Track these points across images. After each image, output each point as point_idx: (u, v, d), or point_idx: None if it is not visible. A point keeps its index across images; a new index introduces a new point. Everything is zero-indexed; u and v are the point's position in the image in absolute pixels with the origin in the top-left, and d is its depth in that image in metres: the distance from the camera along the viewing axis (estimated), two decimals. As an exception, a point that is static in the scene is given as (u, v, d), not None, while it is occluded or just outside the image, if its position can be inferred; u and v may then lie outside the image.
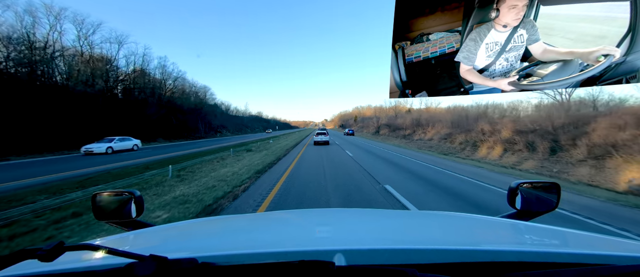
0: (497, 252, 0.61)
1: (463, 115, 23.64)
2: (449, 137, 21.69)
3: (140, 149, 19.72)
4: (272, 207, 4.68)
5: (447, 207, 4.83)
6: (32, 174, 8.98)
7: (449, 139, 21.35)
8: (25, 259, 0.45)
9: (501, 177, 8.30)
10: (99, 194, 1.12)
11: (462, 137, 19.67)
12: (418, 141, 26.01)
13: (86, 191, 6.09)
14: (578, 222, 4.21)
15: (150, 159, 13.39)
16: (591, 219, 4.34)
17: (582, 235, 0.86)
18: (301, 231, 1.02)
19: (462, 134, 19.97)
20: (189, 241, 0.91)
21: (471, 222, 1.14)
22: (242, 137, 43.24)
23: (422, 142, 24.48)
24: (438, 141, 22.68)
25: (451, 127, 23.25)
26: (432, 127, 27.36)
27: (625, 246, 0.75)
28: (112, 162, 12.06)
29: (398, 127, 37.49)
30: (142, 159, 13.38)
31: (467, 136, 19.12)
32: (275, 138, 32.63)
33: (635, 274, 0.50)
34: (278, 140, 28.65)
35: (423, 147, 21.57)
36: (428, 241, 0.84)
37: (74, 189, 6.35)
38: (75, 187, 6.68)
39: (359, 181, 7.04)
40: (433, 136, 25.05)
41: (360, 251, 0.63)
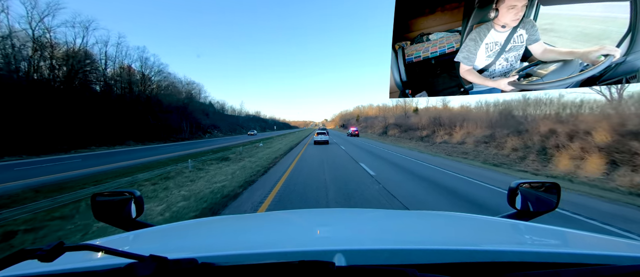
0: (497, 252, 0.61)
1: (505, 112, 18.95)
2: (491, 141, 16.53)
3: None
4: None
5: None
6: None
7: (494, 143, 15.94)
8: (25, 259, 0.45)
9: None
10: (98, 194, 1.12)
11: (514, 141, 14.37)
12: (443, 145, 20.60)
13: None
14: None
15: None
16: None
17: (582, 235, 0.86)
18: (301, 231, 1.02)
19: (513, 137, 14.73)
20: (189, 241, 0.91)
21: (471, 222, 1.14)
22: (232, 139, 38.93)
23: (450, 147, 19.08)
24: (474, 145, 17.43)
25: (490, 127, 18.16)
26: (459, 128, 22.20)
27: (625, 246, 0.75)
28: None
29: (411, 127, 32.38)
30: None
31: (523, 140, 13.96)
32: (268, 141, 26.98)
33: (635, 274, 0.50)
34: (270, 143, 23.27)
35: (454, 153, 16.13)
36: (428, 241, 0.84)
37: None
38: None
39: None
40: (464, 139, 19.90)
41: (360, 251, 0.63)
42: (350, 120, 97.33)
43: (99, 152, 18.73)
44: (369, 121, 62.58)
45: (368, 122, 62.14)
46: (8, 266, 0.44)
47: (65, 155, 16.86)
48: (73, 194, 5.96)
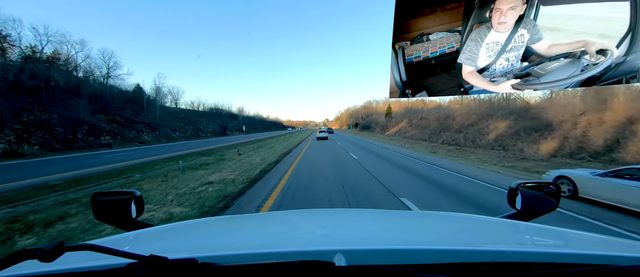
0: (497, 252, 0.61)
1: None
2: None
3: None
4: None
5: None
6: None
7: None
8: (25, 259, 0.45)
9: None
10: (98, 194, 1.12)
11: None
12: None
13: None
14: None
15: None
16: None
17: (583, 235, 0.86)
18: (301, 231, 1.02)
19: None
20: (189, 241, 0.91)
21: (471, 223, 1.14)
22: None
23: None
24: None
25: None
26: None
27: (625, 246, 0.75)
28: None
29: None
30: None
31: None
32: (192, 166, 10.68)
33: (635, 274, 0.50)
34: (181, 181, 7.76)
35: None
36: (428, 242, 0.84)
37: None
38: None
39: None
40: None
41: (360, 251, 0.63)
42: (372, 116, 71.92)
43: None
44: (399, 118, 46.67)
45: (406, 119, 42.08)
46: (8, 266, 0.44)
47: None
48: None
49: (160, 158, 14.74)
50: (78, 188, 6.91)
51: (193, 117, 56.40)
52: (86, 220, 4.15)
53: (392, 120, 49.53)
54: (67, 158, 16.58)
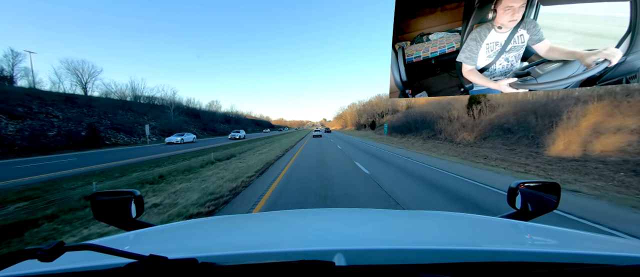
0: (497, 252, 0.61)
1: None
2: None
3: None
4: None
5: None
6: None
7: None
8: (25, 259, 0.45)
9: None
10: (98, 193, 1.11)
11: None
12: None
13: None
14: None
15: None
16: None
17: (583, 235, 0.86)
18: (301, 231, 1.02)
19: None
20: (189, 241, 0.91)
21: (471, 223, 1.14)
22: None
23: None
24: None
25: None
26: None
27: (625, 246, 0.75)
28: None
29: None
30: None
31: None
32: None
33: (635, 274, 0.50)
34: None
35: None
36: (428, 241, 0.84)
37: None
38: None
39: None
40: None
41: (360, 251, 0.63)
42: (391, 112, 49.48)
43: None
44: (426, 117, 24.63)
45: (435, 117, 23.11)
46: (8, 265, 0.44)
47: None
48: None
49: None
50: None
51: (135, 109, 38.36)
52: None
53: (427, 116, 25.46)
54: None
